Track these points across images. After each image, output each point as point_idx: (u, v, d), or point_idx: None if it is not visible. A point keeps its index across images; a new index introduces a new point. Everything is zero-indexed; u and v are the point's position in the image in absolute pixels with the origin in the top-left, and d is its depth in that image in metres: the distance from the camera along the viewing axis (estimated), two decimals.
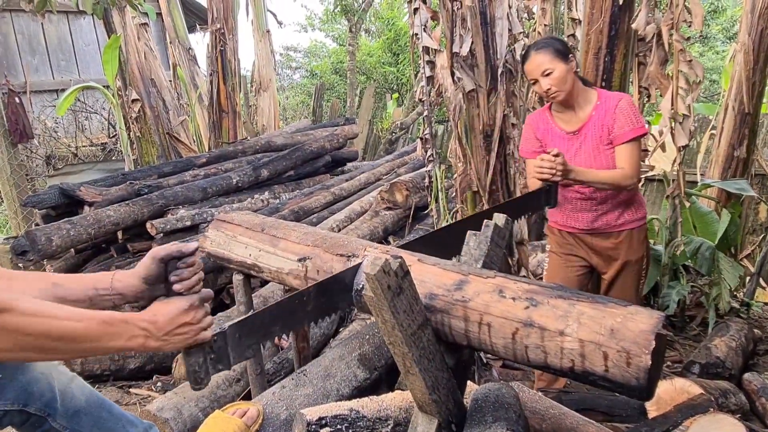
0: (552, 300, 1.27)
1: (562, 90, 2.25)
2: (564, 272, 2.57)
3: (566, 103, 2.33)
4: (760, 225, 5.13)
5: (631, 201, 2.43)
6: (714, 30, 12.25)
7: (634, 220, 2.44)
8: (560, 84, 2.24)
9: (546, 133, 2.44)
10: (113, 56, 5.69)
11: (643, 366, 1.11)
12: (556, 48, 2.24)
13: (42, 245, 3.57)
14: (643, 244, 2.53)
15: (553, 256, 2.64)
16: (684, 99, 2.38)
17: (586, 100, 2.33)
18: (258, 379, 2.06)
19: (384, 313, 1.28)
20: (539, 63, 2.24)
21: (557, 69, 2.22)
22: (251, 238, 1.93)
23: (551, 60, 2.22)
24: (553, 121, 2.42)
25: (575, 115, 2.35)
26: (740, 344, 3.05)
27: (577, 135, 2.35)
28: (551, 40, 2.31)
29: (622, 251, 2.46)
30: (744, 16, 4.02)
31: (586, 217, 2.45)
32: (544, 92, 2.27)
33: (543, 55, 2.23)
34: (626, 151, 2.25)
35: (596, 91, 2.36)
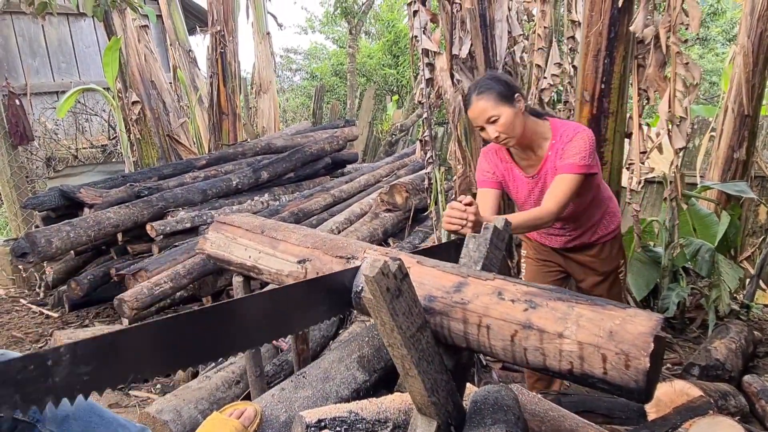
0: (551, 302, 1.27)
1: (512, 136, 2.07)
2: (541, 278, 2.55)
3: (521, 145, 2.16)
4: (760, 227, 5.13)
5: (602, 218, 2.38)
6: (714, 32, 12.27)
7: (608, 233, 2.41)
8: (509, 130, 2.05)
9: (507, 174, 2.28)
10: (113, 58, 5.70)
11: (641, 368, 1.11)
12: (498, 91, 2.04)
13: (42, 247, 3.58)
14: (619, 253, 2.52)
15: (529, 261, 2.63)
16: (681, 101, 2.38)
17: (541, 138, 2.16)
18: (257, 381, 2.06)
19: (383, 315, 1.28)
20: (482, 109, 2.04)
21: (503, 115, 2.03)
22: (251, 240, 1.94)
23: (494, 106, 2.03)
24: (512, 162, 2.26)
25: (533, 154, 2.19)
26: (740, 346, 3.05)
27: (537, 179, 2.21)
28: (492, 83, 2.09)
29: (598, 263, 2.45)
30: (743, 18, 4.03)
31: (559, 240, 2.44)
32: (493, 140, 2.10)
33: (485, 100, 2.04)
34: (557, 183, 2.06)
35: (551, 127, 2.16)
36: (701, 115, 5.71)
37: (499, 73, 2.50)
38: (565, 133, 2.11)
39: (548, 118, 2.21)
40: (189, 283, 3.55)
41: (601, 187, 2.36)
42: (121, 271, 3.68)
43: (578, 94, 2.82)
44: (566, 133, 2.11)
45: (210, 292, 3.77)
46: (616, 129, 2.77)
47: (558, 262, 2.54)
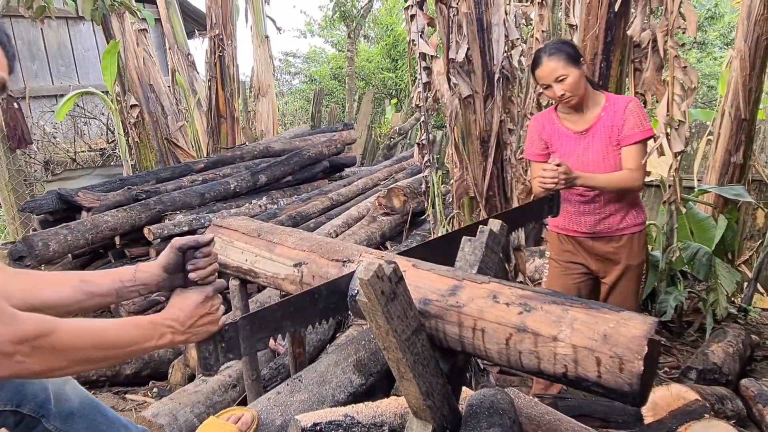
0: (545, 305, 1.27)
1: (576, 95, 2.25)
2: (563, 279, 2.57)
3: (576, 106, 2.33)
4: (757, 231, 5.14)
5: (633, 204, 2.43)
6: (711, 36, 12.31)
7: (636, 225, 2.44)
8: (574, 89, 2.23)
9: (552, 134, 2.42)
10: (112, 62, 5.71)
11: (635, 372, 1.11)
12: (568, 53, 2.22)
13: (39, 251, 3.57)
14: (643, 249, 2.52)
15: (552, 263, 2.64)
16: (679, 105, 2.39)
17: (594, 102, 2.33)
18: (254, 385, 2.06)
19: (378, 319, 1.28)
20: (552, 69, 2.22)
21: (571, 75, 2.21)
22: (247, 244, 1.94)
23: (564, 66, 2.21)
24: (559, 122, 2.41)
25: (583, 116, 2.35)
26: (737, 350, 3.05)
27: (585, 135, 2.35)
28: (563, 45, 2.28)
29: (623, 255, 2.46)
30: (740, 22, 4.04)
31: (588, 221, 2.44)
32: (557, 97, 2.27)
33: (556, 61, 2.21)
34: (633, 153, 2.26)
35: (604, 94, 2.36)
36: (699, 119, 5.72)
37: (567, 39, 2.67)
38: (620, 99, 2.32)
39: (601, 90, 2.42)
40: None
41: None
42: None
43: None
44: (620, 100, 2.31)
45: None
46: None
47: (581, 262, 2.53)
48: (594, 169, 2.30)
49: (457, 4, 2.67)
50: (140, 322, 1.18)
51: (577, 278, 2.54)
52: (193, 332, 1.22)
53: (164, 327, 1.19)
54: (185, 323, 1.21)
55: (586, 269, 2.53)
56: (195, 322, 1.22)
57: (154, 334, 1.18)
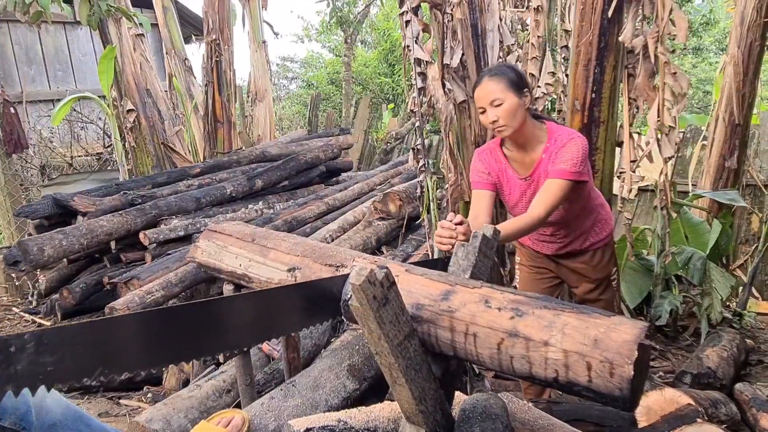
0: (537, 310, 1.27)
1: (510, 125, 2.07)
2: (534, 285, 2.57)
3: (515, 141, 2.17)
4: (752, 235, 5.16)
5: (593, 225, 2.39)
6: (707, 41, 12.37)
7: (600, 240, 2.42)
8: (508, 118, 2.05)
9: (501, 175, 2.27)
10: (109, 67, 5.71)
11: (626, 376, 1.11)
12: (510, 78, 2.06)
13: (34, 255, 3.57)
14: (611, 260, 2.52)
15: (522, 269, 2.64)
16: (670, 111, 2.40)
17: (537, 140, 2.16)
18: (248, 390, 2.06)
19: (370, 324, 1.28)
20: (489, 91, 2.06)
21: (507, 100, 2.04)
22: (242, 249, 1.94)
23: (503, 90, 2.04)
24: (506, 163, 2.25)
25: (527, 155, 2.19)
26: (732, 354, 3.06)
27: (530, 181, 2.21)
28: (507, 69, 2.12)
29: (590, 269, 2.46)
30: (733, 28, 4.07)
31: (551, 247, 2.45)
32: (490, 123, 2.09)
33: (495, 83, 2.05)
34: (546, 188, 2.06)
35: (548, 130, 2.17)
36: (694, 124, 5.75)
37: (515, 65, 2.51)
38: (560, 138, 2.12)
39: (546, 122, 2.21)
40: (181, 292, 3.54)
41: (593, 195, 2.37)
42: (113, 279, 3.67)
43: (569, 103, 2.84)
44: (561, 138, 2.12)
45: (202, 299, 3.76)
46: (606, 138, 2.79)
47: (551, 269, 2.55)
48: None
49: (452, 10, 2.69)
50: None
51: (548, 282, 2.55)
52: None
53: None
54: None
55: (555, 274, 2.55)
56: None
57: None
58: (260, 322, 1.42)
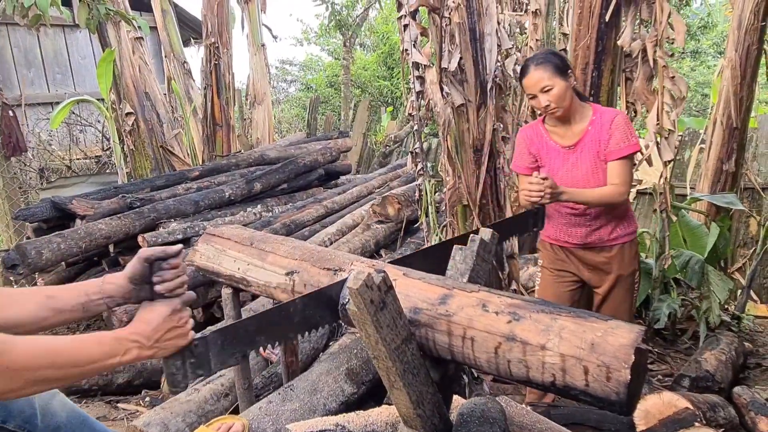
0: (534, 314, 1.27)
1: (561, 107, 2.24)
2: (555, 287, 2.58)
3: (562, 118, 2.32)
4: (750, 238, 5.16)
5: (623, 215, 2.43)
6: (705, 45, 12.41)
7: (626, 234, 2.45)
8: (559, 101, 2.22)
9: (541, 148, 2.42)
10: (107, 70, 5.72)
11: (622, 381, 1.11)
12: (555, 64, 2.22)
13: (32, 259, 3.56)
14: (635, 258, 2.54)
15: (544, 272, 2.65)
16: (669, 114, 2.41)
17: (582, 116, 2.32)
18: (246, 394, 2.06)
19: (367, 328, 1.28)
20: (538, 79, 2.22)
21: (556, 86, 2.21)
22: (240, 252, 1.94)
23: (551, 76, 2.20)
24: (548, 135, 2.40)
25: (570, 129, 2.34)
26: (730, 358, 3.06)
27: (574, 150, 2.34)
28: (550, 55, 2.28)
29: (615, 265, 2.47)
30: (731, 32, 4.08)
31: (579, 233, 2.45)
32: (543, 108, 2.26)
33: (542, 71, 2.21)
34: (619, 168, 2.25)
35: (591, 106, 2.35)
36: (692, 127, 5.76)
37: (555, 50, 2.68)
38: (606, 113, 2.30)
39: (588, 102, 2.40)
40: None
41: None
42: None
43: None
44: (607, 113, 2.30)
45: (201, 303, 3.76)
46: None
47: (573, 271, 2.54)
48: (584, 183, 2.31)
49: (450, 15, 2.70)
50: (103, 339, 1.15)
51: (569, 286, 2.55)
52: (161, 347, 1.18)
53: (129, 342, 1.15)
54: (152, 337, 1.17)
55: (577, 278, 2.54)
56: (162, 336, 1.18)
57: (119, 349, 1.14)
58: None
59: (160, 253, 1.26)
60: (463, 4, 2.74)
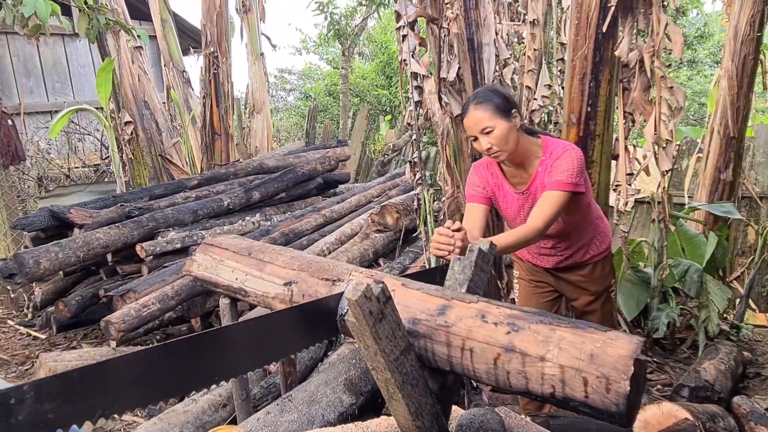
0: (533, 325, 1.27)
1: (503, 150, 2.08)
2: (534, 298, 2.57)
3: (511, 162, 2.18)
4: (749, 247, 5.17)
5: (593, 238, 2.40)
6: (702, 54, 12.48)
7: (599, 253, 2.43)
8: (501, 143, 2.05)
9: (497, 190, 2.29)
10: (106, 79, 5.73)
11: (622, 392, 1.11)
12: (496, 104, 2.06)
13: (30, 268, 3.55)
14: (610, 273, 2.53)
15: (521, 282, 2.63)
16: (667, 124, 2.42)
17: (533, 155, 2.17)
18: (243, 405, 2.05)
19: (366, 339, 1.28)
20: (478, 119, 2.05)
21: (498, 127, 2.04)
22: (238, 262, 1.94)
23: (491, 117, 2.04)
24: (503, 178, 2.26)
25: (524, 171, 2.20)
26: (729, 367, 3.06)
27: (527, 194, 2.22)
28: (492, 94, 2.11)
29: (590, 283, 2.46)
30: (727, 42, 4.11)
31: (551, 261, 2.44)
32: (485, 151, 2.10)
33: (482, 111, 2.05)
34: (543, 200, 2.07)
35: (543, 145, 2.18)
36: (690, 137, 5.78)
37: (499, 87, 2.52)
38: (555, 151, 2.13)
39: (541, 136, 2.23)
40: (177, 305, 3.53)
41: (592, 207, 2.38)
42: (109, 292, 3.66)
43: (565, 117, 2.86)
44: (556, 151, 2.13)
45: (199, 313, 3.75)
46: (602, 151, 2.80)
47: (550, 282, 2.54)
48: None
49: (449, 25, 2.71)
50: None
51: (547, 296, 2.55)
52: None
53: None
54: None
55: (554, 288, 2.54)
56: None
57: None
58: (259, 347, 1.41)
59: None
60: (462, 15, 2.76)
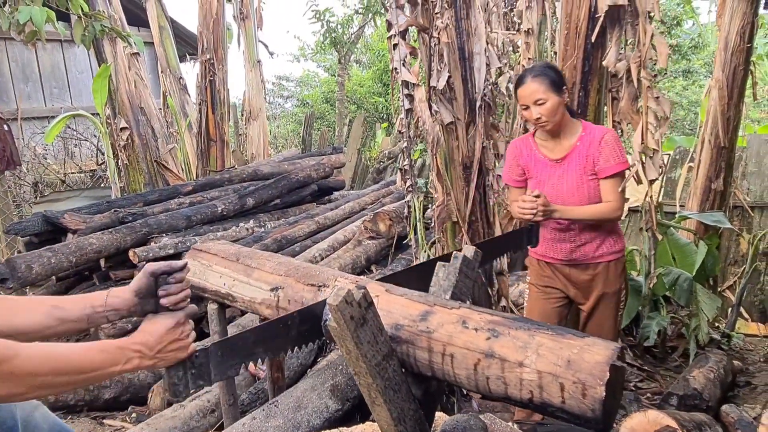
0: (513, 331, 1.29)
1: (551, 121, 2.28)
2: (542, 304, 2.60)
3: (552, 132, 2.36)
4: (741, 256, 5.19)
5: (609, 233, 2.45)
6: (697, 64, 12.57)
7: (612, 252, 2.46)
8: (550, 115, 2.26)
9: (529, 160, 2.46)
10: (102, 85, 5.76)
11: (597, 397, 1.12)
12: (552, 78, 2.25)
13: (22, 273, 3.55)
14: (620, 277, 2.55)
15: (532, 288, 2.67)
16: (653, 134, 2.45)
17: (571, 131, 2.37)
18: (230, 410, 2.05)
19: (347, 344, 1.29)
20: (533, 90, 2.24)
21: (550, 100, 2.24)
22: (226, 268, 1.95)
23: (545, 90, 2.23)
24: (536, 148, 2.44)
25: (560, 143, 2.38)
26: (718, 376, 3.06)
27: (561, 163, 2.38)
28: (548, 69, 2.32)
29: (599, 283, 2.48)
30: (718, 53, 4.15)
31: (564, 248, 2.47)
32: (533, 120, 2.30)
33: (538, 83, 2.24)
34: (612, 185, 2.30)
35: (582, 123, 2.39)
36: (683, 146, 5.81)
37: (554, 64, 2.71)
38: (596, 130, 2.35)
39: (579, 119, 2.44)
40: None
41: None
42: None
43: None
44: (596, 131, 2.35)
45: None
46: None
47: (559, 288, 2.55)
48: (568, 197, 2.34)
49: (439, 34, 2.74)
50: (107, 347, 1.18)
51: (556, 302, 2.56)
52: (162, 357, 1.22)
53: (131, 351, 1.19)
54: (154, 348, 1.21)
55: (564, 294, 2.56)
56: (164, 347, 1.22)
57: (121, 358, 1.17)
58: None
59: (166, 268, 1.31)
60: (452, 25, 2.79)
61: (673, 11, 11.50)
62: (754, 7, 3.96)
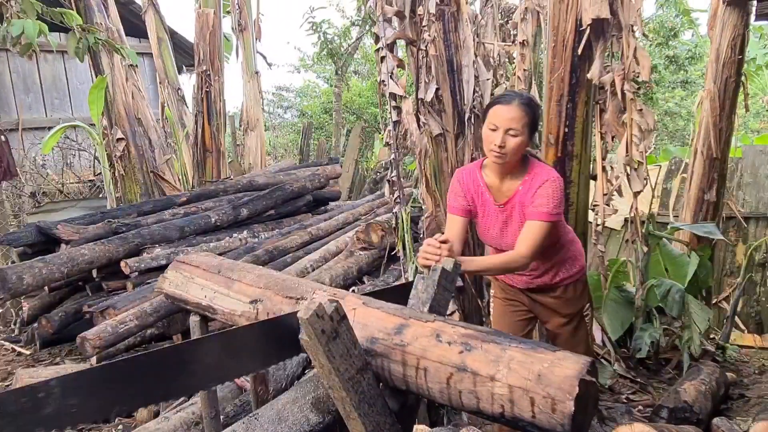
0: (485, 344, 1.28)
1: (511, 158, 2.12)
2: (508, 317, 2.57)
3: (500, 171, 2.21)
4: (737, 267, 5.18)
5: (563, 260, 2.40)
6: (694, 75, 12.61)
7: (570, 276, 2.42)
8: (513, 152, 2.10)
9: (477, 196, 2.31)
10: (99, 96, 5.79)
11: (567, 412, 1.12)
12: (533, 117, 2.10)
13: (13, 284, 3.55)
14: (582, 296, 2.52)
15: (497, 301, 2.64)
16: (638, 146, 2.45)
17: (517, 173, 2.21)
18: (212, 423, 2.04)
19: (320, 357, 1.29)
20: (513, 117, 2.06)
21: (521, 136, 2.08)
22: (208, 280, 1.95)
23: (525, 125, 2.07)
24: (484, 186, 2.29)
25: (505, 184, 2.24)
26: (710, 388, 3.04)
27: (504, 208, 2.26)
28: (535, 107, 2.15)
29: (562, 305, 2.46)
30: (709, 65, 4.17)
31: (520, 280, 2.45)
32: (496, 147, 2.09)
33: (522, 114, 2.07)
34: (529, 229, 2.12)
35: (531, 165, 2.22)
36: (678, 156, 5.82)
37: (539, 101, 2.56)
38: (538, 175, 2.17)
39: (530, 157, 2.27)
40: (156, 321, 3.51)
41: (564, 230, 2.40)
42: (90, 308, 3.65)
43: (544, 137, 2.89)
44: (539, 176, 2.17)
45: (180, 330, 3.73)
46: (580, 171, 2.83)
47: (524, 302, 2.55)
48: (513, 242, 2.20)
49: (426, 47, 2.76)
50: None
51: (521, 315, 2.55)
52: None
53: None
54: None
55: (529, 308, 2.55)
56: None
57: None
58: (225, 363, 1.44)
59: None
60: (440, 37, 2.81)
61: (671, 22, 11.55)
62: (745, 19, 3.98)
